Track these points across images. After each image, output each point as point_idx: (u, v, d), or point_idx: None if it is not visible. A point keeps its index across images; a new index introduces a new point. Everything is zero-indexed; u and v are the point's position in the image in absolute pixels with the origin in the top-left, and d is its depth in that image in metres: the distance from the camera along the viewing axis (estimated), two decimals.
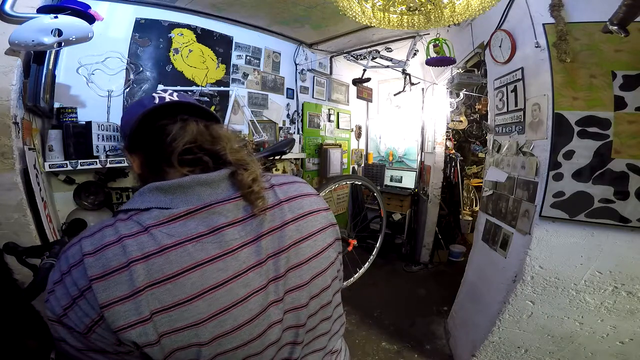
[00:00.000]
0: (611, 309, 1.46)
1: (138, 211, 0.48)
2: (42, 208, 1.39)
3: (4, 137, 1.23)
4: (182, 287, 0.43)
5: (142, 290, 0.42)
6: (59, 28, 1.27)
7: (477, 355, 1.78)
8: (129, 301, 0.41)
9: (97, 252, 0.43)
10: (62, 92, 1.83)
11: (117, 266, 0.42)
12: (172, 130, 0.53)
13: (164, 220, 0.46)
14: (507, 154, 1.78)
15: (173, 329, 0.43)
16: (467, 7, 1.01)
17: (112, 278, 0.42)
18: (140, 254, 0.43)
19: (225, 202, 0.50)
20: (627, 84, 1.31)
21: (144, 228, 0.45)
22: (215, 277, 0.45)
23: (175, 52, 2.32)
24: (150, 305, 0.42)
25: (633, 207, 1.32)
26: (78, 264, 0.43)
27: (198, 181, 0.50)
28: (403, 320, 2.52)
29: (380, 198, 2.53)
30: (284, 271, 0.52)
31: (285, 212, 0.56)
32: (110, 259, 0.43)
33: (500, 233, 1.76)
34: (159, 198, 0.48)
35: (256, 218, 0.52)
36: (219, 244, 0.47)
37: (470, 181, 3.91)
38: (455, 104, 3.40)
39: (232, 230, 0.49)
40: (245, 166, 0.54)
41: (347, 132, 4.05)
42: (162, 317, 0.42)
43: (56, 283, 0.45)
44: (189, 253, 0.45)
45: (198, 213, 0.48)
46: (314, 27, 2.75)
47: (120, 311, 0.41)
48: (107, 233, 0.45)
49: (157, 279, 0.42)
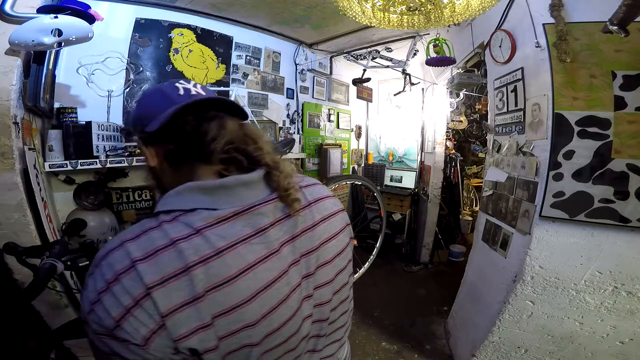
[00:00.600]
0: (611, 309, 1.46)
1: (183, 212, 0.46)
2: (42, 208, 1.39)
3: (4, 137, 1.23)
4: (238, 290, 0.43)
5: (203, 295, 0.41)
6: (59, 28, 1.27)
7: (477, 355, 1.78)
8: (190, 307, 0.40)
9: (150, 257, 0.41)
10: (62, 92, 1.84)
11: (174, 271, 0.41)
12: (211, 128, 0.51)
13: (213, 222, 0.45)
14: (507, 154, 1.78)
15: (230, 332, 0.43)
16: (467, 7, 1.01)
17: (171, 284, 0.40)
18: (197, 258, 0.42)
19: (266, 203, 0.50)
20: (627, 84, 1.31)
21: (195, 230, 0.44)
22: (265, 277, 0.46)
23: (175, 52, 2.32)
24: (211, 310, 0.41)
25: (633, 207, 1.32)
26: (128, 271, 0.40)
27: (241, 182, 0.49)
28: (403, 320, 2.52)
29: (380, 198, 2.53)
30: (314, 269, 0.55)
31: (314, 213, 0.58)
32: (167, 264, 0.41)
33: (500, 233, 1.76)
34: (200, 198, 0.47)
35: (291, 218, 0.53)
36: (265, 244, 0.48)
37: (470, 181, 3.91)
38: (455, 104, 3.40)
39: (273, 230, 0.50)
40: (279, 167, 0.54)
41: (347, 132, 4.05)
42: (221, 320, 0.42)
43: (102, 292, 0.40)
44: (242, 255, 0.45)
45: (243, 214, 0.48)
46: (314, 27, 2.75)
47: (182, 318, 0.40)
48: (155, 236, 0.43)
49: (215, 282, 0.42)
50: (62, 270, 1.04)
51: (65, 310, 1.44)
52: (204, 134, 0.51)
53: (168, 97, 0.53)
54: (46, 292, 1.01)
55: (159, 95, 0.55)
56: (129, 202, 2.13)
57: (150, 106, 0.54)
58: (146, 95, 0.57)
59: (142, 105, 0.56)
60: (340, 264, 0.60)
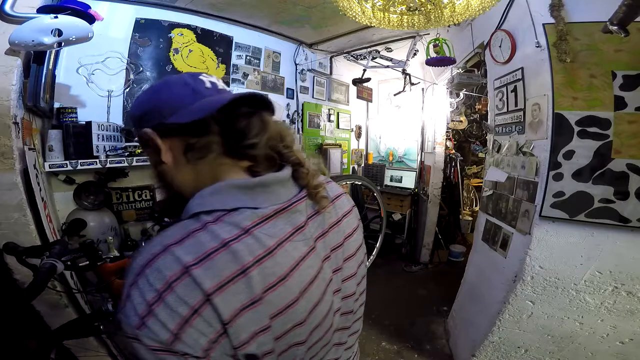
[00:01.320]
0: (611, 309, 1.46)
1: (225, 212, 0.44)
2: (42, 208, 1.39)
3: (4, 137, 1.23)
4: (289, 288, 0.43)
5: (260, 296, 0.40)
6: (59, 28, 1.27)
7: (477, 355, 1.78)
8: (250, 311, 0.39)
9: (203, 262, 0.38)
10: (62, 92, 1.83)
11: (231, 274, 0.39)
12: (254, 124, 0.50)
13: (258, 220, 0.44)
14: (507, 154, 1.78)
15: (283, 332, 0.42)
16: (467, 7, 1.02)
17: (229, 288, 0.38)
18: (252, 259, 0.40)
19: (299, 200, 0.50)
20: (627, 84, 1.31)
21: (243, 230, 0.42)
22: (308, 274, 0.46)
23: (175, 52, 2.32)
24: (268, 311, 0.40)
25: (633, 207, 1.32)
26: (181, 278, 0.37)
27: (277, 180, 0.49)
28: (403, 320, 2.53)
29: (380, 198, 2.53)
30: (342, 262, 0.57)
31: (337, 210, 0.59)
32: (222, 267, 0.39)
33: (500, 233, 1.76)
34: (240, 197, 0.45)
35: (320, 215, 0.54)
36: (304, 241, 0.48)
37: (470, 181, 3.91)
38: (455, 104, 3.40)
39: (308, 227, 0.50)
40: (305, 165, 0.54)
41: (347, 132, 4.05)
42: (277, 321, 0.41)
43: (153, 304, 0.36)
44: (289, 253, 0.45)
45: (283, 212, 0.47)
46: (314, 27, 2.75)
47: (243, 323, 0.38)
48: (203, 238, 0.40)
49: (270, 282, 0.41)
50: (62, 270, 1.04)
51: (65, 310, 1.44)
52: (247, 130, 0.49)
53: (195, 90, 0.51)
54: (46, 292, 1.01)
55: (181, 85, 0.51)
56: (129, 202, 2.13)
57: (173, 97, 0.50)
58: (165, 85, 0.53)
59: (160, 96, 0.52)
60: (360, 257, 0.62)
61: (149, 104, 0.52)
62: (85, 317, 1.38)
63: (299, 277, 0.45)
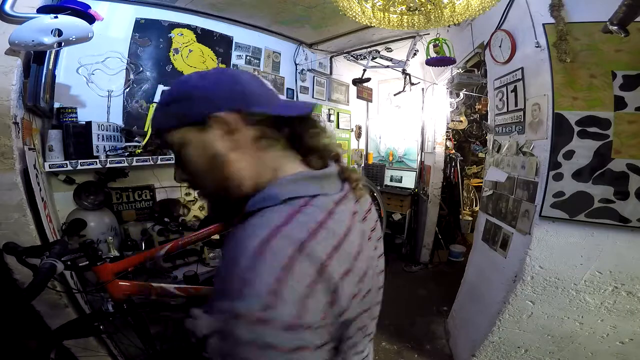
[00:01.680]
0: (611, 309, 1.46)
1: (310, 197, 0.48)
2: (42, 208, 1.39)
3: (4, 137, 1.23)
4: (363, 259, 0.48)
5: (352, 264, 0.44)
6: (59, 28, 1.27)
7: (477, 355, 1.78)
8: (348, 276, 0.43)
9: (312, 237, 0.41)
10: (62, 92, 1.83)
11: (335, 245, 0.43)
12: (313, 124, 0.58)
13: (333, 205, 0.49)
14: (507, 154, 1.78)
15: (361, 297, 0.47)
16: (467, 7, 1.02)
17: (335, 258, 0.42)
18: (342, 234, 0.45)
19: (347, 192, 0.55)
20: (627, 84, 1.31)
21: (328, 212, 0.47)
22: (367, 252, 0.52)
23: (175, 52, 2.32)
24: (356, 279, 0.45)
25: (633, 207, 1.32)
26: (301, 254, 0.39)
27: (333, 173, 0.55)
28: (403, 320, 2.52)
29: (380, 198, 2.53)
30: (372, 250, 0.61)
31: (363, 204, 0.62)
32: (327, 240, 0.43)
33: (500, 233, 1.76)
34: (312, 186, 0.50)
35: (359, 204, 0.58)
36: (361, 224, 0.54)
37: (470, 181, 3.91)
38: (455, 104, 3.40)
39: (358, 214, 0.55)
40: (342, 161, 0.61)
41: (347, 132, 4.05)
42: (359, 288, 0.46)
43: (280, 284, 0.36)
44: (356, 233, 0.49)
45: (344, 199, 0.52)
46: (314, 27, 2.75)
47: (345, 288, 0.42)
48: (304, 218, 0.44)
49: (354, 254, 0.46)
50: (62, 270, 1.04)
51: (65, 310, 1.44)
52: (310, 127, 0.57)
53: (264, 86, 0.57)
54: (46, 292, 1.01)
55: (256, 80, 0.56)
56: (129, 202, 2.13)
57: (256, 89, 0.54)
58: (240, 75, 0.55)
59: (239, 83, 0.53)
60: (380, 250, 0.66)
61: (231, 88, 0.52)
62: (85, 317, 1.38)
63: (365, 252, 0.50)
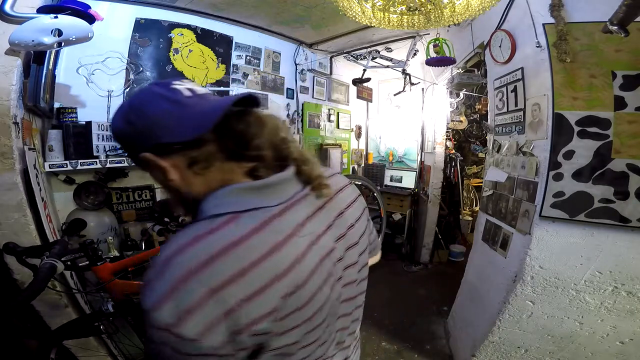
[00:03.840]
0: (611, 309, 1.46)
1: (238, 213, 0.46)
2: (42, 208, 1.39)
3: (4, 137, 1.23)
4: (294, 277, 0.46)
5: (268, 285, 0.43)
6: (59, 28, 1.27)
7: (477, 355, 1.78)
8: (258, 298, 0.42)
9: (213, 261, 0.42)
10: (62, 92, 1.83)
11: (240, 270, 0.42)
12: (252, 124, 0.51)
13: (267, 219, 0.47)
14: (507, 154, 1.78)
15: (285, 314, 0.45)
16: (467, 7, 1.01)
17: (240, 281, 0.42)
18: (259, 255, 0.44)
19: (304, 197, 0.53)
20: (627, 84, 1.31)
21: (255, 229, 0.45)
22: (312, 263, 0.49)
23: (175, 52, 2.32)
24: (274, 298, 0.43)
25: (633, 207, 1.32)
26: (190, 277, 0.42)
27: (282, 179, 0.51)
28: (403, 320, 2.53)
29: (380, 198, 2.53)
30: (344, 251, 0.58)
31: (341, 201, 0.61)
32: (231, 265, 0.42)
33: (500, 233, 1.76)
34: (251, 199, 0.48)
35: (325, 208, 0.56)
36: (308, 236, 0.50)
37: (470, 181, 3.91)
38: (455, 104, 3.40)
39: (311, 222, 0.52)
40: (306, 159, 0.56)
41: (347, 132, 4.05)
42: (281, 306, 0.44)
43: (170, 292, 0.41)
44: (294, 247, 0.47)
45: (289, 209, 0.50)
46: (314, 27, 2.75)
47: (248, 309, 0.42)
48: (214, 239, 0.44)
49: (277, 274, 0.44)
50: (62, 270, 1.04)
51: (65, 310, 1.44)
52: (245, 132, 0.50)
53: (177, 102, 0.49)
54: (46, 292, 1.01)
55: (161, 101, 0.50)
56: (129, 202, 2.13)
57: (159, 114, 0.49)
58: (143, 106, 0.50)
59: (142, 117, 0.50)
60: (362, 246, 0.64)
61: (136, 127, 0.50)
62: (85, 317, 1.38)
63: (303, 266, 0.47)
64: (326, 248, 0.53)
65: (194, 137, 0.48)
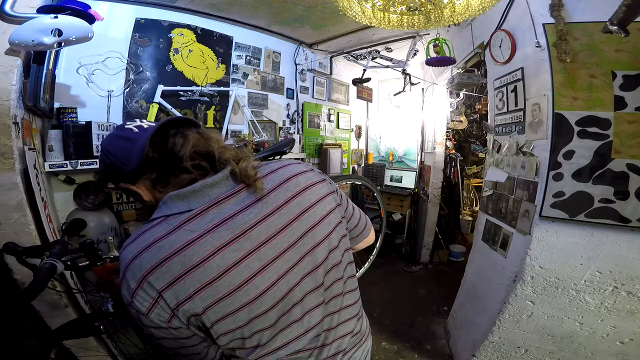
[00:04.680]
0: (611, 309, 1.46)
1: (166, 216, 0.58)
2: (42, 208, 1.38)
3: (4, 137, 1.23)
4: (210, 269, 0.54)
5: (181, 276, 0.53)
6: (59, 28, 1.27)
7: (477, 355, 1.78)
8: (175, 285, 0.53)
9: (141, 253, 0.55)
10: (62, 92, 1.83)
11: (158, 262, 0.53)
12: (177, 141, 0.61)
13: (185, 219, 0.56)
14: (507, 154, 1.78)
15: (212, 302, 0.54)
16: (467, 7, 1.01)
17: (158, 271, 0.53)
18: (173, 250, 0.53)
19: (231, 195, 0.60)
20: (627, 84, 1.31)
21: (173, 229, 0.56)
22: (233, 256, 0.56)
23: (175, 52, 2.32)
24: (189, 287, 0.53)
25: (633, 207, 1.32)
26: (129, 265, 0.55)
27: (206, 184, 0.60)
28: (403, 320, 2.53)
29: (380, 198, 2.53)
30: (296, 240, 0.62)
31: (285, 192, 0.65)
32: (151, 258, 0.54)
33: (500, 233, 1.76)
34: (178, 204, 0.58)
35: (261, 201, 0.61)
36: (231, 229, 0.57)
37: (470, 181, 3.91)
38: (455, 104, 3.40)
39: (241, 215, 0.59)
40: (240, 160, 0.63)
41: (347, 132, 4.05)
42: (202, 294, 0.53)
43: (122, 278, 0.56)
44: (209, 242, 0.55)
45: (211, 208, 0.58)
46: (314, 27, 2.75)
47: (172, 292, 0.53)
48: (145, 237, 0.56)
49: (189, 266, 0.53)
50: (62, 270, 1.04)
51: (65, 310, 1.44)
52: (173, 148, 0.61)
53: (128, 138, 0.62)
54: (46, 292, 1.01)
55: (117, 140, 0.63)
56: (129, 202, 2.13)
57: (117, 152, 0.62)
58: (106, 148, 0.64)
59: (109, 156, 0.63)
60: (321, 232, 0.66)
61: (107, 166, 0.64)
62: (85, 317, 1.38)
63: (221, 260, 0.55)
64: (259, 239, 0.59)
65: (138, 164, 0.60)
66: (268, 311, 0.58)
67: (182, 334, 0.56)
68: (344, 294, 0.72)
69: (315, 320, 0.65)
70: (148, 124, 0.65)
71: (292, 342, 0.62)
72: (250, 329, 0.57)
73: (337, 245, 0.69)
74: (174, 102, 2.30)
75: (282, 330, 0.60)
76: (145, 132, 0.62)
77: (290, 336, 0.61)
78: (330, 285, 0.68)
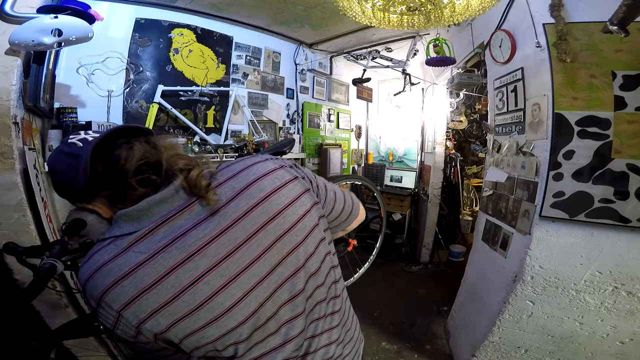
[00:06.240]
0: (611, 309, 1.46)
1: (114, 238, 0.53)
2: (42, 208, 1.38)
3: (4, 137, 1.23)
4: (165, 290, 0.50)
5: (135, 297, 0.49)
6: (59, 28, 1.27)
7: (477, 355, 1.78)
8: (131, 307, 0.49)
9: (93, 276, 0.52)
10: (62, 92, 1.84)
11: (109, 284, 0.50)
12: (122, 154, 0.56)
13: (133, 241, 0.52)
14: (507, 154, 1.78)
15: (175, 320, 0.50)
16: (467, 7, 1.02)
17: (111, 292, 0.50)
18: (123, 272, 0.50)
19: (182, 210, 0.55)
20: (627, 84, 1.31)
21: (121, 251, 0.51)
22: (189, 275, 0.52)
23: (175, 52, 2.32)
24: (146, 308, 0.50)
25: (633, 207, 1.32)
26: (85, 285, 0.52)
27: (153, 202, 0.54)
28: (403, 320, 2.53)
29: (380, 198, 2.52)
30: (262, 251, 0.57)
31: (247, 199, 0.59)
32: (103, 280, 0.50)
33: (500, 233, 1.76)
34: (126, 225, 0.53)
35: (218, 213, 0.56)
36: (182, 248, 0.52)
37: (470, 181, 3.91)
38: (455, 104, 3.40)
39: (194, 232, 0.54)
40: (190, 169, 0.57)
41: (347, 132, 4.05)
42: (160, 314, 0.50)
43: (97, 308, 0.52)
44: (160, 263, 0.51)
45: (161, 227, 0.53)
46: (314, 27, 2.75)
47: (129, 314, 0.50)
48: (94, 259, 0.52)
49: (142, 288, 0.50)
50: (62, 270, 1.04)
51: (65, 310, 1.44)
52: (117, 162, 0.55)
53: (73, 155, 0.56)
54: (46, 292, 1.01)
55: (62, 157, 0.57)
56: None
57: (64, 171, 0.57)
58: (53, 167, 0.59)
59: (57, 176, 0.59)
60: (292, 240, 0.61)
61: (60, 184, 0.60)
62: (85, 317, 1.38)
63: (175, 280, 0.51)
64: (218, 255, 0.54)
65: (85, 182, 0.55)
66: (238, 327, 0.54)
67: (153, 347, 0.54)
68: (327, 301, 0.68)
69: (296, 331, 0.61)
70: (93, 136, 0.58)
71: (271, 353, 0.58)
72: (223, 342, 0.54)
73: (313, 251, 0.63)
74: (174, 102, 2.30)
75: (258, 342, 0.57)
76: (89, 146, 0.56)
77: (269, 347, 0.58)
78: (312, 293, 0.64)
